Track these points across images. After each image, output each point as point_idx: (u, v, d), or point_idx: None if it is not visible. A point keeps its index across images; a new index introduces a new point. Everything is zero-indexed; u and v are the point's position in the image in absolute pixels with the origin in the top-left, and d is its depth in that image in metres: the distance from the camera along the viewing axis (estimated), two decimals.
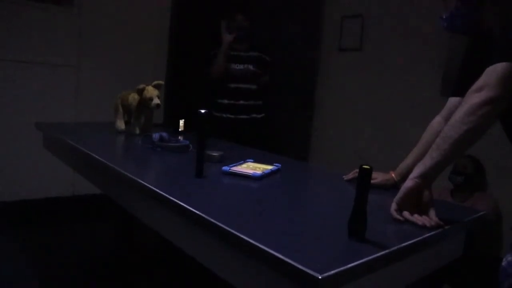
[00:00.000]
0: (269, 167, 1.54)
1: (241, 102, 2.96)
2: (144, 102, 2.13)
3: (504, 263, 1.05)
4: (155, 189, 1.19)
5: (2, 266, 2.35)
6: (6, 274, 2.27)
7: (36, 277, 2.29)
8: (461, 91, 1.34)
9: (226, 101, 2.97)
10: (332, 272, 0.73)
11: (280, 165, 1.60)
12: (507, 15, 1.06)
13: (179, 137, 2.06)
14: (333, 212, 1.15)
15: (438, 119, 1.40)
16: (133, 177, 1.30)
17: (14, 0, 2.99)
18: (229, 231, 0.90)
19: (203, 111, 1.37)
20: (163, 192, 1.15)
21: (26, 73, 3.11)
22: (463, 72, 1.34)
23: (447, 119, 1.37)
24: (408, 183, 1.05)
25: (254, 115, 3.01)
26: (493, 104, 0.98)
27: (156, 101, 2.12)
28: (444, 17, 1.22)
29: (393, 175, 1.43)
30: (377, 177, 1.42)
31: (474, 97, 1.00)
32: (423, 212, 1.05)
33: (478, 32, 1.23)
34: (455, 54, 2.67)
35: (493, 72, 0.99)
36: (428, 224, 1.01)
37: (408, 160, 1.41)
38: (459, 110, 1.02)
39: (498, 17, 1.09)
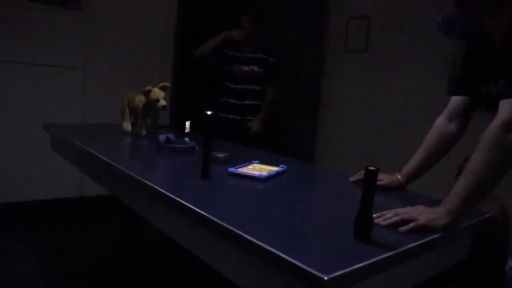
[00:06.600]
0: (275, 168, 1.55)
1: (247, 102, 2.96)
2: (151, 104, 2.14)
3: (507, 267, 1.05)
4: (161, 190, 1.19)
5: (9, 267, 2.37)
6: (13, 274, 2.29)
7: (43, 277, 2.31)
8: (462, 90, 1.35)
9: (231, 101, 2.97)
10: (338, 273, 0.73)
11: (286, 166, 1.61)
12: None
13: (185, 139, 2.07)
14: (339, 213, 1.15)
15: (441, 119, 1.39)
16: (140, 178, 1.31)
17: (21, 3, 3.02)
18: (235, 232, 0.90)
19: (209, 112, 1.37)
20: (169, 193, 1.16)
21: (33, 75, 3.13)
22: (464, 71, 1.34)
23: (450, 118, 1.37)
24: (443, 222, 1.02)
25: None
26: None
27: (162, 102, 2.13)
28: (440, 21, 1.17)
29: (399, 176, 1.43)
30: (383, 179, 1.42)
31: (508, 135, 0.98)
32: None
33: (476, 37, 1.21)
34: (461, 54, 2.65)
35: None
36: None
37: (414, 161, 1.41)
38: (495, 151, 1.00)
39: (497, 21, 1.08)
